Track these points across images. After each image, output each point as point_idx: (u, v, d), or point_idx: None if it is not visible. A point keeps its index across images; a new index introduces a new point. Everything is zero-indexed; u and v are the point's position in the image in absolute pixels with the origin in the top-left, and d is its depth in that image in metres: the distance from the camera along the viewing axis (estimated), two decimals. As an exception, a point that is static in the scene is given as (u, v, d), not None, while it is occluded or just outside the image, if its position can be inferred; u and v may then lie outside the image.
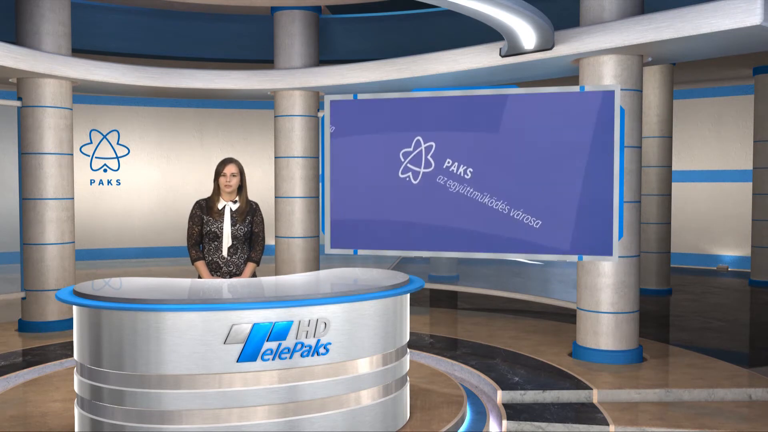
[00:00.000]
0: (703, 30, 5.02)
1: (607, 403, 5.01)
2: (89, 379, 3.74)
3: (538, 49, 5.87)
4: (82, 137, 12.72)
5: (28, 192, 7.07)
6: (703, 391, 5.12)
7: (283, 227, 8.27)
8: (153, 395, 3.60)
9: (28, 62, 6.64)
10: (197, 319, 3.59)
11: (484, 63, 6.44)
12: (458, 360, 5.94)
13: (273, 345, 3.66)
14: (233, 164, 4.69)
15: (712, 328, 7.66)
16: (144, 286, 4.08)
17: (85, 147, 12.84)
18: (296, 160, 8.18)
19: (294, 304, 3.70)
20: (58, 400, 4.79)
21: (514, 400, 5.07)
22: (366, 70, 7.47)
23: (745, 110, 12.36)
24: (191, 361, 3.59)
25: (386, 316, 4.02)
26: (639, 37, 5.40)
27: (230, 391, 3.63)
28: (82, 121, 12.46)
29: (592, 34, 5.64)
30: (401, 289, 4.09)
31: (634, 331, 5.92)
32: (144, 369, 3.60)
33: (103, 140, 13.05)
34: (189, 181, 13.23)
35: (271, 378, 3.68)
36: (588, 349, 5.93)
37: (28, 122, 7.04)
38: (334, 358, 3.80)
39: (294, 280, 4.45)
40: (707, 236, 12.83)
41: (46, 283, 7.09)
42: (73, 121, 7.60)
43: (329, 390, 3.80)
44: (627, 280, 5.85)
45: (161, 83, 7.71)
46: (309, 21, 8.11)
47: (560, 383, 5.27)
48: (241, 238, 4.70)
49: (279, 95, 8.19)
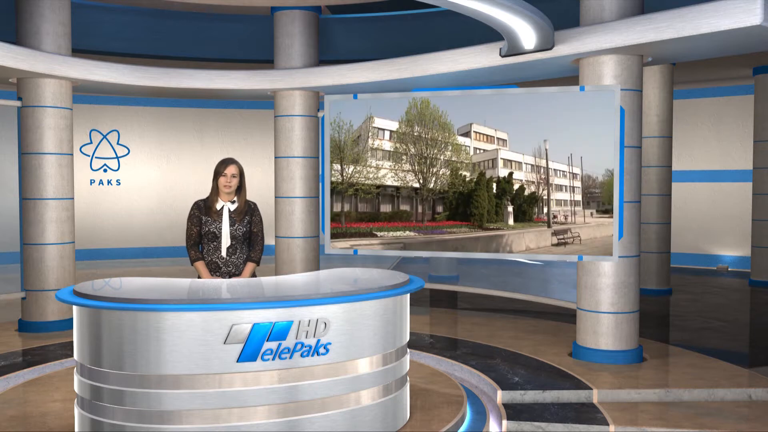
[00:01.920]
0: (702, 30, 5.02)
1: (607, 403, 5.01)
2: (89, 379, 3.74)
3: (538, 49, 5.87)
4: (82, 137, 12.71)
5: (28, 192, 7.07)
6: (703, 391, 5.12)
7: (283, 227, 8.26)
8: (153, 395, 3.60)
9: (28, 62, 6.63)
10: (197, 319, 3.59)
11: (484, 63, 6.44)
12: (458, 360, 5.94)
13: (273, 345, 3.66)
14: (234, 165, 4.69)
15: (712, 328, 7.66)
16: (144, 286, 4.08)
17: (85, 147, 12.83)
18: (296, 160, 8.17)
19: (294, 304, 3.70)
20: (58, 400, 4.79)
21: (514, 400, 5.07)
22: (366, 70, 7.46)
23: (745, 110, 12.35)
24: (191, 361, 3.59)
25: (386, 316, 4.02)
26: (639, 37, 5.39)
27: (230, 391, 3.63)
28: (82, 121, 12.45)
29: (592, 34, 5.63)
30: (401, 289, 4.09)
31: (634, 331, 5.92)
32: (144, 369, 3.60)
33: (103, 140, 13.04)
34: (189, 181, 13.23)
35: (271, 378, 3.68)
36: (588, 349, 5.93)
37: (28, 122, 7.04)
38: (334, 358, 3.80)
39: (294, 280, 4.45)
40: (707, 236, 12.83)
41: (46, 283, 7.09)
42: (73, 121, 7.60)
43: (329, 390, 3.80)
44: (627, 280, 5.85)
45: (161, 83, 7.71)
46: (309, 21, 8.11)
47: (560, 383, 5.26)
48: (240, 238, 4.69)
49: (279, 95, 8.18)
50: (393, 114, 5.59)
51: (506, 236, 5.41)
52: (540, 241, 5.35)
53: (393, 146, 5.66)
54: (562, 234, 5.30)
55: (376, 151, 5.70)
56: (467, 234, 5.50)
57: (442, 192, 5.56)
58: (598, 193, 5.21)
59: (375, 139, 5.67)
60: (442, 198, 5.58)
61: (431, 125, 5.50)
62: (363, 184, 5.73)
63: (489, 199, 5.43)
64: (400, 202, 5.74)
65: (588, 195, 5.23)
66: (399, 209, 5.73)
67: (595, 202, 5.24)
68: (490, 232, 5.45)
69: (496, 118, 5.33)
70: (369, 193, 5.74)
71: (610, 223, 5.08)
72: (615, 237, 4.86)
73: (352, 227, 5.76)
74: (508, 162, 5.40)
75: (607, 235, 5.09)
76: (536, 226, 5.38)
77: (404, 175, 5.65)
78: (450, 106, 5.44)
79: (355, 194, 5.76)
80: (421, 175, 5.61)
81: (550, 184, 5.30)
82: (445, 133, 5.49)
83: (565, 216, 5.32)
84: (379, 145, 5.68)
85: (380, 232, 5.73)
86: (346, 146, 5.70)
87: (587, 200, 5.25)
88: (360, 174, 5.72)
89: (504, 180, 5.41)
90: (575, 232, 5.27)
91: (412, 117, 5.53)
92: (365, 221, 5.75)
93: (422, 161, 5.58)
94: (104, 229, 12.87)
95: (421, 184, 5.62)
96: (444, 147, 5.52)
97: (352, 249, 5.71)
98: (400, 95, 5.36)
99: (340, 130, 5.67)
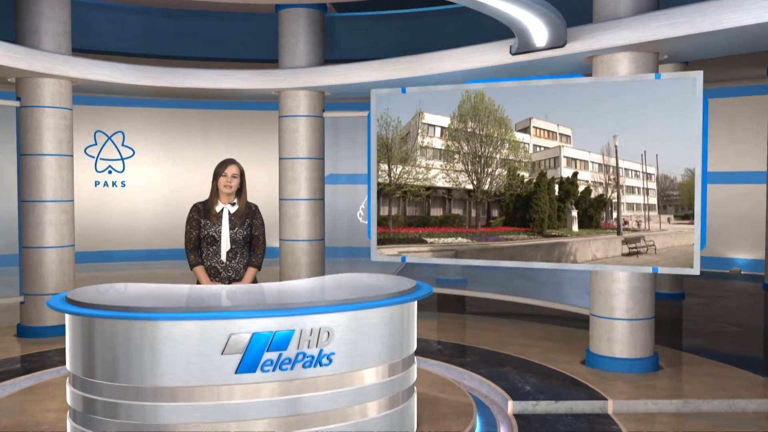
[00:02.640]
0: (722, 25, 4.82)
1: (622, 414, 4.82)
2: (82, 391, 3.58)
3: (550, 46, 5.68)
4: (87, 138, 12.62)
5: (27, 194, 6.93)
6: (722, 401, 4.91)
7: (287, 230, 8.11)
8: (148, 408, 3.43)
9: (26, 61, 6.51)
10: (194, 328, 3.42)
11: (494, 61, 6.26)
12: (467, 368, 5.75)
13: (273, 355, 3.48)
14: (234, 165, 4.52)
15: (726, 333, 7.46)
16: (140, 292, 3.91)
17: (90, 148, 12.74)
18: (301, 161, 8.01)
19: (295, 312, 3.52)
20: (53, 410, 4.64)
21: (526, 410, 4.88)
22: (371, 69, 7.31)
23: (759, 111, 12.12)
24: (188, 373, 3.42)
25: (393, 324, 3.83)
26: (654, 33, 5.20)
27: (229, 403, 3.45)
28: (87, 123, 12.36)
29: (606, 31, 5.44)
30: (408, 296, 3.91)
31: (650, 338, 5.72)
32: (139, 380, 3.43)
33: (107, 141, 12.95)
34: (194, 182, 13.08)
35: (272, 390, 3.50)
36: (602, 357, 5.73)
37: (27, 123, 6.90)
38: (337, 368, 3.62)
39: (296, 287, 4.27)
40: (720, 239, 12.59)
41: (45, 287, 6.94)
42: (78, 122, 7.49)
43: (333, 402, 3.62)
44: (642, 285, 5.64)
45: (163, 83, 7.58)
46: (314, 19, 7.96)
47: (574, 393, 5.07)
48: (241, 241, 4.52)
49: (283, 95, 8.03)
50: (444, 109, 5.20)
51: (570, 244, 4.92)
52: (608, 250, 4.84)
53: (444, 144, 5.30)
54: (633, 242, 4.73)
55: (426, 150, 5.36)
56: (526, 241, 5.07)
57: (498, 194, 5.20)
58: (676, 196, 4.62)
59: (425, 137, 5.33)
60: (498, 201, 5.22)
61: (486, 120, 5.12)
62: (412, 186, 5.43)
63: (550, 202, 5.02)
64: (451, 206, 5.39)
65: (665, 198, 4.67)
66: (450, 213, 5.40)
67: (672, 207, 4.65)
68: (551, 239, 5.00)
69: (558, 111, 4.86)
70: (418, 195, 5.44)
71: (690, 230, 4.51)
72: (696, 246, 4.36)
73: (400, 232, 5.45)
74: (572, 161, 4.94)
75: (687, 244, 4.51)
76: (604, 233, 4.89)
77: (456, 176, 5.31)
78: (507, 99, 5.03)
79: (403, 197, 5.46)
80: (475, 175, 5.27)
81: (621, 186, 4.80)
82: (501, 129, 5.10)
83: (637, 222, 4.79)
84: (429, 143, 5.34)
85: (430, 238, 5.41)
86: (393, 144, 5.38)
87: (664, 204, 4.69)
88: (409, 175, 5.41)
89: (567, 181, 4.97)
90: (649, 240, 4.70)
91: (465, 112, 5.15)
92: (414, 226, 5.44)
93: (476, 160, 5.23)
94: (109, 231, 12.77)
95: (474, 186, 5.28)
96: (500, 144, 5.13)
97: (399, 256, 5.39)
98: (452, 88, 5.01)
99: (388, 126, 5.34)
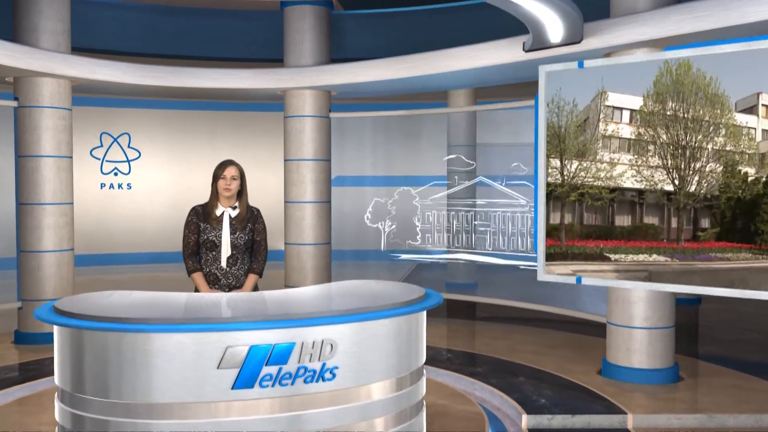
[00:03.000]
0: (749, 19, 4.56)
1: (643, 429, 4.57)
2: (70, 407, 3.36)
3: (566, 42, 5.43)
4: (93, 140, 12.47)
5: (25, 196, 6.75)
6: (750, 416, 4.65)
7: (293, 234, 7.90)
8: (140, 426, 3.21)
9: (25, 60, 6.33)
10: (188, 341, 3.20)
11: (506, 59, 6.03)
12: (478, 378, 5.51)
13: (272, 370, 3.26)
14: (233, 167, 4.31)
15: (746, 340, 7.21)
16: (135, 301, 3.69)
17: (96, 150, 12.59)
18: (307, 163, 7.80)
19: (296, 323, 3.29)
20: (46, 423, 4.46)
21: (541, 425, 4.64)
22: (379, 68, 7.10)
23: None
24: (182, 388, 3.20)
25: (400, 336, 3.60)
26: (676, 28, 4.94)
27: (225, 421, 3.23)
28: (93, 124, 12.21)
29: (624, 26, 5.19)
30: (417, 305, 3.67)
31: (670, 348, 5.46)
32: (130, 396, 3.22)
33: (113, 143, 12.80)
34: (200, 185, 12.84)
35: (271, 406, 3.28)
36: (620, 368, 5.48)
37: (25, 123, 6.72)
38: (341, 383, 3.39)
39: (299, 295, 4.04)
40: (737, 242, 12.30)
41: (44, 292, 6.75)
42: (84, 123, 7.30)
43: (336, 419, 3.39)
44: (661, 293, 5.38)
45: (165, 82, 7.39)
46: (320, 16, 7.75)
47: (591, 406, 4.82)
48: (242, 247, 4.30)
49: (289, 95, 7.83)
50: (635, 86, 4.10)
51: None
52: None
53: (635, 132, 4.22)
54: None
55: (609, 140, 4.30)
56: (750, 262, 3.85)
57: (710, 198, 4.02)
58: None
59: (609, 124, 4.29)
60: (709, 207, 4.04)
61: (694, 99, 3.97)
62: (591, 187, 4.37)
63: None
64: (644, 212, 4.29)
65: None
66: (643, 222, 4.30)
67: None
68: None
69: None
70: (599, 198, 4.38)
71: None
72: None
73: (576, 246, 4.43)
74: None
75: None
76: None
77: (651, 174, 4.19)
78: (724, 70, 3.82)
79: (579, 200, 4.44)
80: (677, 172, 4.10)
81: None
82: (715, 111, 3.92)
83: None
84: (614, 131, 4.28)
85: (615, 254, 4.34)
86: (568, 135, 4.38)
87: None
88: (587, 172, 4.37)
89: None
90: None
91: (664, 88, 4.04)
92: (593, 238, 4.40)
93: (679, 153, 4.07)
94: (114, 233, 12.62)
95: (676, 187, 4.12)
96: (714, 131, 3.95)
97: (574, 276, 4.37)
98: (648, 57, 3.90)
99: (560, 112, 4.36)
